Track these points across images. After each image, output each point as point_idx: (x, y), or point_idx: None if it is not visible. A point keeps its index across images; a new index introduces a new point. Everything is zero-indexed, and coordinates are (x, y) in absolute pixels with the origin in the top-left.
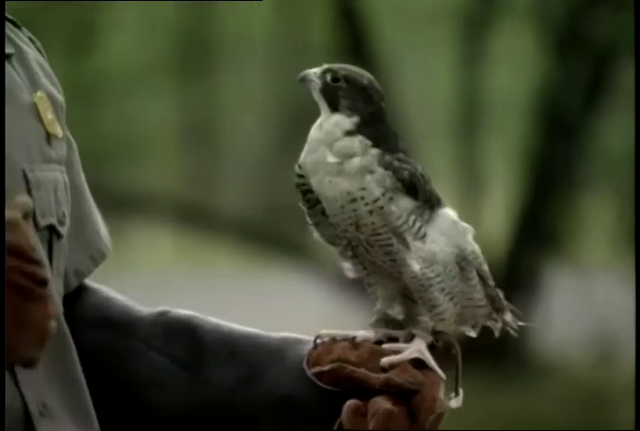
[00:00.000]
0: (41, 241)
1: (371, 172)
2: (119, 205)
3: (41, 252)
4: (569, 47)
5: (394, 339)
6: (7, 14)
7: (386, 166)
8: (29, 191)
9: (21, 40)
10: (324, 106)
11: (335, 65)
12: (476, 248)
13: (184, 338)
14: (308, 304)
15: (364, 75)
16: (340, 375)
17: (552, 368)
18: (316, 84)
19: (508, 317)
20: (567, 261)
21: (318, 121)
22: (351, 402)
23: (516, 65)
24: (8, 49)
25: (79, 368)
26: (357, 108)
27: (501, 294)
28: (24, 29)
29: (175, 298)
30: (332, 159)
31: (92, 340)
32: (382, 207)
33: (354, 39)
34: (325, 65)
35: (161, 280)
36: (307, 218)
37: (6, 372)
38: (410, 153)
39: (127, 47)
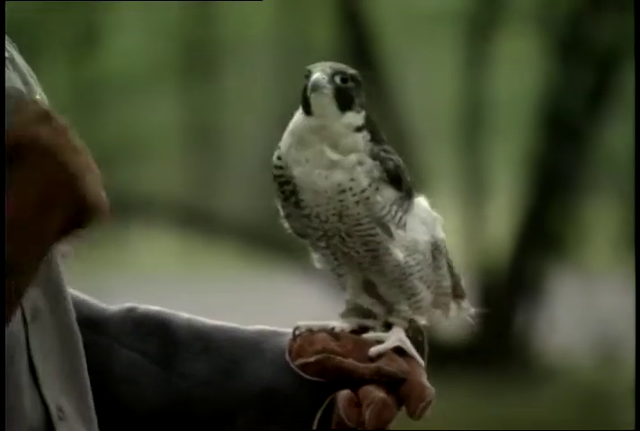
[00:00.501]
0: None
1: (361, 164)
2: (121, 207)
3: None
4: (572, 50)
5: (365, 328)
6: None
7: (374, 157)
8: None
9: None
10: (331, 108)
11: (331, 66)
12: (444, 236)
13: (156, 334)
14: (311, 306)
15: (354, 70)
16: (327, 366)
17: (555, 371)
18: (328, 89)
19: (465, 304)
20: (571, 265)
21: (314, 122)
22: (346, 393)
23: (519, 68)
24: (6, 53)
25: (86, 370)
26: (363, 103)
27: (461, 282)
28: None
29: (176, 300)
30: (335, 156)
31: None
32: (368, 198)
33: (357, 40)
34: (318, 68)
35: (162, 283)
36: (280, 210)
37: (29, 374)
38: (388, 142)
39: (129, 48)
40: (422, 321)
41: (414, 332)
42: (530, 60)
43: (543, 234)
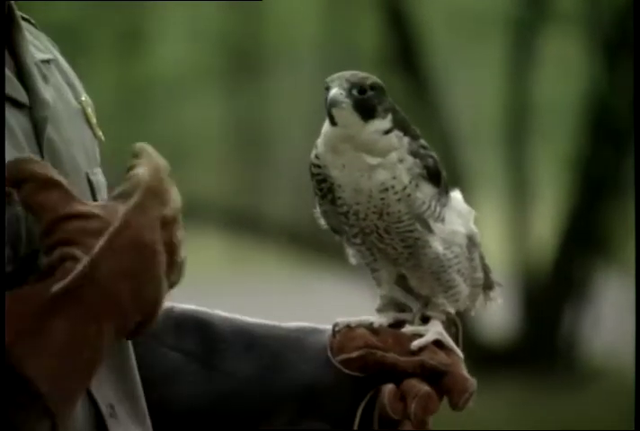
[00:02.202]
0: None
1: (402, 161)
2: None
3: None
4: (617, 51)
5: (401, 322)
6: (27, 16)
7: (414, 154)
8: (93, 195)
9: (48, 43)
10: (354, 120)
11: (348, 78)
12: (477, 229)
13: (196, 333)
14: (358, 305)
15: (372, 76)
16: (369, 361)
17: (602, 372)
18: (347, 103)
19: (493, 294)
20: (616, 266)
21: (341, 131)
22: (391, 387)
23: (564, 70)
24: (50, 55)
25: (136, 369)
26: (387, 107)
27: (490, 272)
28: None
29: (223, 301)
30: (373, 161)
31: None
32: (409, 195)
33: (403, 42)
34: (335, 82)
35: (209, 283)
36: (317, 207)
37: None
38: (431, 143)
39: (175, 52)
40: (453, 311)
41: (449, 324)
42: (575, 61)
43: (588, 235)
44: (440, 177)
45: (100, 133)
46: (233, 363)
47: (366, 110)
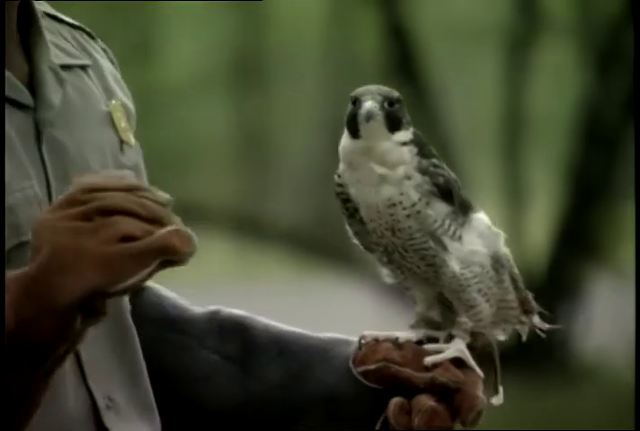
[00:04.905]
0: None
1: (409, 178)
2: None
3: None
4: (610, 60)
5: (433, 340)
6: (84, 26)
7: (423, 172)
8: None
9: (95, 51)
10: (382, 132)
11: (379, 92)
12: (508, 251)
13: (237, 337)
14: (360, 311)
15: (396, 92)
16: (385, 374)
17: (593, 372)
18: (380, 116)
19: (536, 319)
20: (609, 269)
21: (362, 143)
22: (396, 400)
23: (558, 80)
24: (85, 61)
25: (142, 361)
26: (408, 119)
27: (530, 297)
28: (98, 40)
29: (225, 303)
30: (382, 170)
31: (145, 335)
32: (419, 212)
33: (402, 54)
34: (368, 96)
35: (214, 288)
36: (347, 227)
37: (74, 365)
38: (438, 156)
39: (181, 59)
40: (500, 337)
41: (483, 345)
42: (569, 71)
43: (581, 240)
44: (452, 195)
45: (130, 137)
46: (265, 368)
47: (394, 123)
